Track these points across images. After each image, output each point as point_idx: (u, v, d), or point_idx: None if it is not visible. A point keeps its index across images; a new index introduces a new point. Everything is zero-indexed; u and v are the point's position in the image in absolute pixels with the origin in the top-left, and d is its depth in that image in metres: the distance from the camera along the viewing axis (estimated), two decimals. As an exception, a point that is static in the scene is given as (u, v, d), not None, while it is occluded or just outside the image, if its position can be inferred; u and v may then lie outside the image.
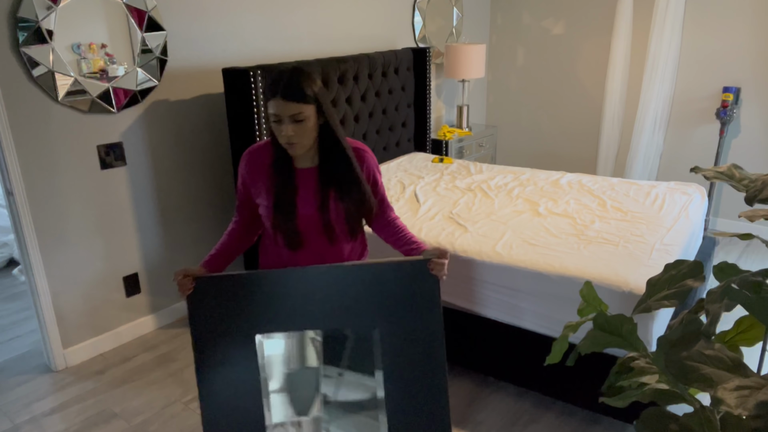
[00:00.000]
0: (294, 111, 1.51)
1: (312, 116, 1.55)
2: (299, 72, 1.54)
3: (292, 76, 1.52)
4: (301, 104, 1.51)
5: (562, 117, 4.91)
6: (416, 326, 1.53)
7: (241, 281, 1.52)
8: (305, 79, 1.54)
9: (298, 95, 1.51)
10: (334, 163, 1.65)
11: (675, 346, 1.04)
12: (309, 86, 1.53)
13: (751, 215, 1.19)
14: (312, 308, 1.52)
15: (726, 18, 3.92)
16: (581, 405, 2.26)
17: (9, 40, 2.33)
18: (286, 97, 1.50)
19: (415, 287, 1.52)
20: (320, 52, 3.61)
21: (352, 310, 1.52)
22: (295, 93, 1.50)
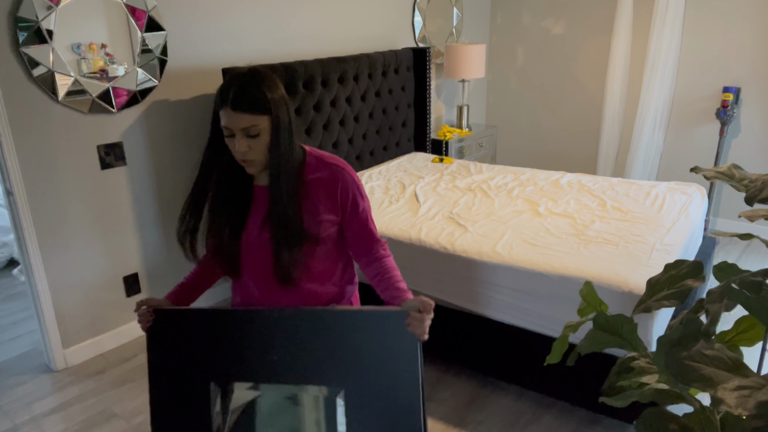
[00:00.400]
0: (246, 123, 1.26)
1: (267, 130, 1.30)
2: (254, 76, 1.28)
3: (245, 82, 1.26)
4: (256, 115, 1.26)
5: (562, 117, 4.91)
6: (389, 387, 1.28)
7: (199, 319, 1.36)
8: (261, 85, 1.28)
9: (252, 105, 1.25)
10: (285, 182, 1.35)
11: (675, 346, 1.04)
12: (265, 94, 1.27)
13: (751, 215, 1.19)
14: (271, 357, 1.32)
15: (726, 18, 3.92)
16: (581, 405, 2.26)
17: (9, 40, 2.33)
18: (236, 108, 1.25)
19: (390, 343, 1.27)
20: (320, 52, 3.61)
21: (318, 362, 1.30)
22: (248, 102, 1.25)
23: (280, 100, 1.30)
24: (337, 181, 1.42)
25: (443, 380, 2.58)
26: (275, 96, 1.29)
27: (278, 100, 1.30)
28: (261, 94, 1.27)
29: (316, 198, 1.40)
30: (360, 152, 3.65)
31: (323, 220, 1.41)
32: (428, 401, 2.45)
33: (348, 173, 1.44)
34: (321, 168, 1.42)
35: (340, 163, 1.44)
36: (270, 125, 1.29)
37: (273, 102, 1.28)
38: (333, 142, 3.41)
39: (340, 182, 1.42)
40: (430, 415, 2.36)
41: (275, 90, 1.30)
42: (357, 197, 1.45)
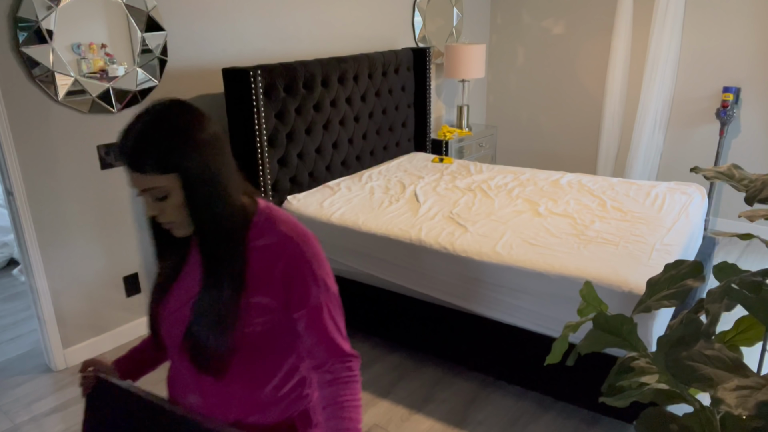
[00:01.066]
0: (148, 185, 1.00)
1: (177, 189, 1.01)
2: (154, 125, 0.99)
3: (140, 134, 0.98)
4: (157, 176, 0.99)
5: (562, 117, 4.91)
6: None
7: (135, 404, 1.15)
8: (162, 135, 0.98)
9: (149, 164, 0.97)
10: (212, 248, 1.07)
11: (675, 346, 1.04)
12: (167, 147, 0.98)
13: (751, 215, 1.19)
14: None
15: (726, 18, 3.92)
16: (581, 405, 2.26)
17: (9, 40, 2.33)
18: (131, 167, 0.99)
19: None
20: (320, 52, 3.61)
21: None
22: (144, 161, 0.97)
23: (193, 149, 1.00)
24: (281, 256, 1.08)
25: (443, 380, 2.58)
26: (184, 146, 0.99)
27: (190, 149, 0.99)
28: (161, 148, 0.97)
29: (253, 273, 1.08)
30: (360, 152, 3.65)
31: (252, 304, 1.07)
32: (428, 401, 2.45)
33: (301, 247, 1.08)
34: (268, 233, 1.10)
35: (294, 231, 1.10)
36: (180, 183, 1.00)
37: (181, 155, 0.98)
38: (333, 142, 3.41)
39: (285, 258, 1.07)
40: (430, 415, 2.36)
41: (185, 137, 0.99)
42: (309, 283, 1.08)
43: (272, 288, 1.08)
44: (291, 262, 1.08)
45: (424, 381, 2.58)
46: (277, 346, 1.13)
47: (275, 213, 1.14)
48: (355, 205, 2.95)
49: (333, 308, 1.12)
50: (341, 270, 2.82)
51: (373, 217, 2.77)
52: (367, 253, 2.68)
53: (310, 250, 1.10)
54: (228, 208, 1.06)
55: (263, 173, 2.85)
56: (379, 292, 2.70)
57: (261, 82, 2.78)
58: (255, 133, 2.78)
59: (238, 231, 1.08)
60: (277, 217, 1.13)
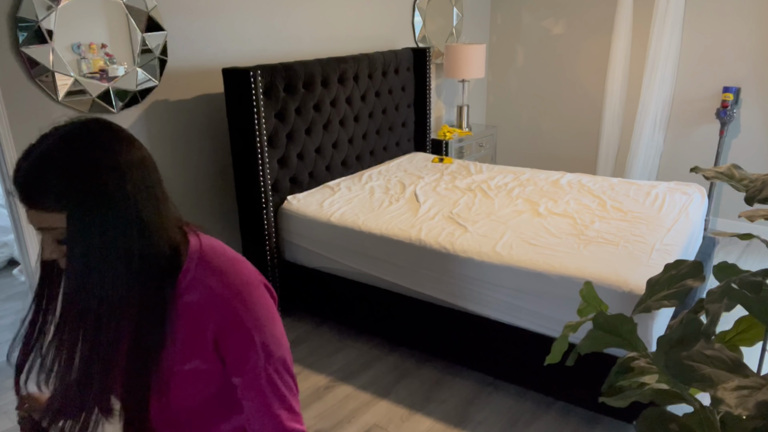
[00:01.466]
0: (45, 223, 0.82)
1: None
2: (56, 152, 0.80)
3: (38, 163, 0.80)
4: (48, 213, 0.80)
5: (562, 117, 4.91)
6: None
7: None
8: (68, 166, 0.79)
9: (46, 200, 0.80)
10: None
11: (675, 346, 1.04)
12: (59, 180, 0.79)
13: (751, 215, 1.19)
14: None
15: (726, 18, 3.92)
16: (581, 405, 2.26)
17: (9, 40, 2.33)
18: (25, 202, 0.81)
19: None
20: (320, 52, 3.61)
21: None
22: (41, 196, 0.80)
23: (106, 181, 0.80)
24: (211, 316, 0.90)
25: (443, 380, 2.58)
26: (94, 179, 0.79)
27: (101, 182, 0.80)
28: (63, 180, 0.79)
29: (185, 336, 0.91)
30: (360, 152, 3.65)
31: (185, 372, 0.92)
32: (428, 401, 2.45)
33: (235, 307, 0.90)
34: (198, 286, 0.91)
35: (228, 285, 0.90)
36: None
37: (87, 190, 0.79)
38: (333, 142, 3.41)
39: (216, 319, 0.89)
40: (430, 415, 2.36)
41: (94, 167, 0.80)
42: (245, 349, 0.90)
43: (206, 352, 0.91)
44: (223, 325, 0.89)
45: (424, 381, 2.58)
46: (236, 406, 0.96)
47: (208, 258, 0.93)
48: (355, 205, 2.95)
49: (277, 377, 0.91)
50: (341, 270, 2.82)
51: (373, 217, 2.77)
52: (367, 253, 2.68)
53: (247, 310, 0.90)
54: (147, 258, 0.85)
55: (263, 173, 2.85)
56: (379, 292, 2.70)
57: (261, 82, 2.78)
58: (255, 133, 2.78)
59: (162, 283, 0.88)
60: (210, 265, 0.92)
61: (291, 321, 3.13)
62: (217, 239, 1.02)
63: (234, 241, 3.39)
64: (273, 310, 0.96)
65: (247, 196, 2.92)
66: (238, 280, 0.92)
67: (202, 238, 0.98)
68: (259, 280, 0.97)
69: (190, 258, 0.93)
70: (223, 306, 0.90)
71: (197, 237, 0.97)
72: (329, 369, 2.70)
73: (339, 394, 2.52)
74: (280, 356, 0.94)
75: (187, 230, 0.97)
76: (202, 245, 0.96)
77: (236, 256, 0.98)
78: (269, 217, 2.93)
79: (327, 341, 2.93)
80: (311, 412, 2.41)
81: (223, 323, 0.90)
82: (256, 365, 0.91)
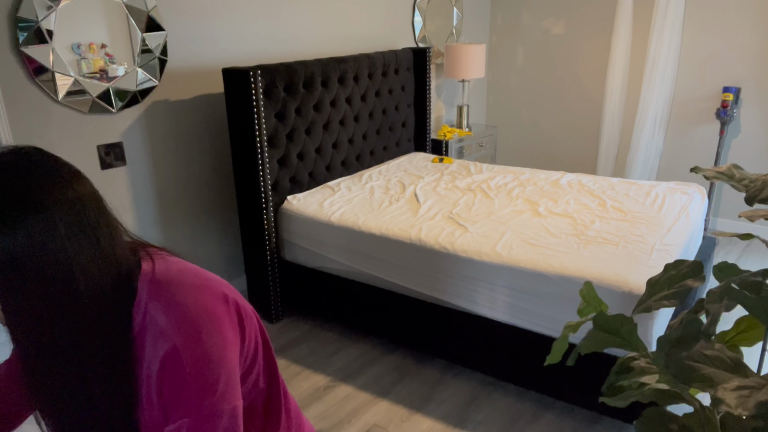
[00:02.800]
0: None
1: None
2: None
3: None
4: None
5: (562, 117, 4.91)
6: None
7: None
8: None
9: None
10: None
11: (675, 346, 1.04)
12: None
13: (751, 215, 1.19)
14: None
15: (726, 18, 3.92)
16: (581, 405, 2.26)
17: (9, 40, 2.33)
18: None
19: None
20: (320, 52, 3.61)
21: None
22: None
23: (32, 224, 0.72)
24: (156, 350, 0.81)
25: (443, 380, 2.58)
26: (17, 220, 0.71)
27: (28, 224, 0.72)
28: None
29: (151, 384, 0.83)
30: (360, 152, 3.65)
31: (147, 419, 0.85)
32: (428, 401, 2.45)
33: (178, 344, 0.80)
34: (150, 319, 0.83)
35: (175, 314, 0.82)
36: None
37: (13, 232, 0.71)
38: (333, 142, 3.41)
39: (161, 354, 0.81)
40: (430, 415, 2.36)
41: (22, 206, 0.72)
42: (181, 392, 0.80)
43: (152, 394, 0.84)
44: (165, 367, 0.80)
45: (424, 381, 2.58)
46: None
47: (158, 289, 0.84)
48: (355, 205, 2.95)
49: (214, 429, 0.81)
50: (341, 270, 2.82)
51: (373, 217, 2.77)
52: (367, 253, 2.68)
53: (190, 354, 0.80)
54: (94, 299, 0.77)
55: (263, 173, 2.85)
56: (379, 292, 2.70)
57: (261, 82, 2.78)
58: (255, 133, 2.78)
59: (114, 322, 0.80)
60: (159, 297, 0.83)
61: (291, 321, 3.13)
62: (180, 260, 0.92)
63: (234, 241, 3.39)
64: (229, 351, 0.84)
65: (247, 196, 2.92)
66: (187, 316, 0.82)
67: (157, 265, 0.87)
68: (218, 313, 0.85)
69: (140, 291, 0.84)
70: (167, 347, 0.80)
71: (151, 262, 0.87)
72: (329, 369, 2.70)
73: (339, 394, 2.52)
74: (221, 407, 0.82)
75: (143, 256, 0.88)
76: (155, 274, 0.85)
77: (196, 283, 0.86)
78: (269, 217, 2.94)
79: (327, 341, 2.93)
80: (311, 412, 2.41)
81: (166, 365, 0.80)
82: (188, 415, 0.80)
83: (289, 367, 2.72)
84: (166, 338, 0.80)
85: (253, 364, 0.95)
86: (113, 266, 0.80)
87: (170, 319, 0.81)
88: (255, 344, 0.95)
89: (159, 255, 0.91)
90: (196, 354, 0.80)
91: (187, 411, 0.80)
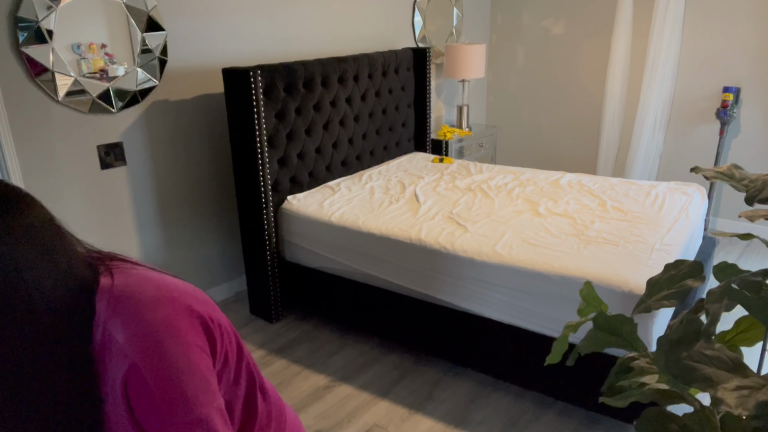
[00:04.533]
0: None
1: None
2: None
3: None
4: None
5: (562, 117, 4.91)
6: None
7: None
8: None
9: None
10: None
11: (675, 346, 1.04)
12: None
13: (751, 215, 1.19)
14: None
15: (726, 18, 3.92)
16: (581, 405, 2.26)
17: (9, 40, 2.33)
18: None
19: None
20: (320, 52, 3.61)
21: None
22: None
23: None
24: (119, 370, 0.80)
25: (443, 380, 2.58)
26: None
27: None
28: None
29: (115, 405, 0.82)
30: (360, 152, 3.65)
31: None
32: (428, 401, 2.45)
33: (137, 360, 0.79)
34: (109, 338, 0.81)
35: (134, 329, 0.80)
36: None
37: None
38: (333, 142, 3.41)
39: (124, 374, 0.79)
40: (430, 415, 2.36)
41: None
42: (151, 408, 0.79)
43: (125, 416, 0.82)
44: (131, 388, 0.79)
45: (424, 381, 2.58)
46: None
47: (116, 305, 0.82)
48: (355, 205, 2.95)
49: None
50: (341, 270, 2.82)
51: (373, 217, 2.77)
52: (367, 253, 2.68)
53: (152, 369, 0.78)
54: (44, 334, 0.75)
55: (263, 173, 2.85)
56: (379, 292, 2.70)
57: (261, 82, 2.78)
58: (255, 133, 2.78)
59: (70, 342, 0.78)
60: (117, 313, 0.81)
61: (291, 321, 3.13)
62: (144, 270, 0.89)
63: (234, 241, 3.39)
64: (196, 358, 0.82)
65: (247, 196, 2.92)
66: (146, 330, 0.80)
67: (115, 278, 0.84)
68: (180, 324, 0.83)
69: (98, 308, 0.81)
70: (126, 365, 0.78)
71: (110, 276, 0.84)
72: (329, 369, 2.70)
73: (339, 394, 2.52)
74: (196, 417, 0.80)
75: (102, 270, 0.85)
76: (113, 288, 0.83)
77: (156, 296, 0.84)
78: (269, 217, 2.94)
79: (327, 341, 2.93)
80: (311, 412, 2.41)
81: (129, 383, 0.79)
82: (164, 429, 0.79)
83: (289, 367, 2.72)
84: (125, 357, 0.78)
85: (222, 374, 0.93)
86: (71, 285, 0.79)
87: (128, 336, 0.79)
88: (225, 358, 0.92)
89: (119, 268, 0.87)
90: (157, 369, 0.79)
91: (161, 426, 0.78)
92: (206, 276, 3.30)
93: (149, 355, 0.78)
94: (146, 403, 0.78)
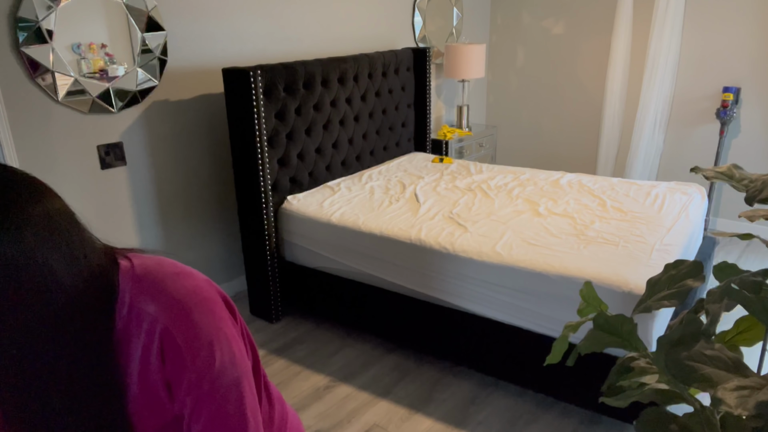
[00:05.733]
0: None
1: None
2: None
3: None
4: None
5: (562, 117, 4.91)
6: None
7: None
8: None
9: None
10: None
11: (675, 346, 1.04)
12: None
13: (751, 215, 1.19)
14: None
15: (726, 18, 3.92)
16: (581, 405, 2.26)
17: (9, 40, 2.33)
18: None
19: None
20: (320, 52, 3.61)
21: None
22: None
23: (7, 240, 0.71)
24: (151, 341, 0.82)
25: (443, 380, 2.58)
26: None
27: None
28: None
29: (137, 380, 0.83)
30: (360, 152, 3.65)
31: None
32: (428, 401, 2.45)
33: (172, 327, 0.81)
34: (137, 312, 0.83)
35: (164, 300, 0.83)
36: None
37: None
38: (333, 142, 3.41)
39: (157, 344, 0.81)
40: (430, 415, 2.36)
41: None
42: (185, 371, 0.81)
43: (160, 390, 0.84)
44: (167, 355, 0.81)
45: (424, 381, 2.58)
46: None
47: (141, 281, 0.84)
48: (355, 205, 2.95)
49: (228, 403, 0.83)
50: (341, 270, 2.82)
51: (373, 217, 2.77)
52: (367, 253, 2.68)
53: (186, 333, 0.81)
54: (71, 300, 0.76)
55: (263, 173, 2.85)
56: (379, 292, 2.70)
57: (261, 82, 2.78)
58: (255, 133, 2.78)
59: (95, 322, 0.79)
60: (144, 288, 0.83)
61: (291, 321, 3.13)
62: (157, 255, 0.93)
63: (234, 241, 3.39)
64: (224, 327, 0.86)
65: (247, 196, 2.92)
66: (175, 299, 0.83)
67: (134, 260, 0.87)
68: (207, 295, 0.86)
69: (122, 287, 0.83)
70: (159, 330, 0.81)
71: (128, 260, 0.87)
72: (329, 369, 2.70)
73: (339, 394, 2.52)
74: (227, 381, 0.84)
75: (118, 256, 0.88)
76: (134, 268, 0.85)
77: (176, 271, 0.88)
78: (269, 217, 2.94)
79: (327, 341, 2.93)
80: (311, 412, 2.41)
81: (167, 353, 0.81)
82: (199, 392, 0.81)
83: (289, 367, 2.72)
84: (156, 323, 0.81)
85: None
86: (88, 270, 0.80)
87: (159, 304, 0.82)
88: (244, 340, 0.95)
89: (135, 255, 0.91)
90: (188, 332, 0.81)
91: (190, 389, 0.81)
92: (206, 276, 3.30)
93: (180, 320, 0.81)
94: (179, 367, 0.81)
